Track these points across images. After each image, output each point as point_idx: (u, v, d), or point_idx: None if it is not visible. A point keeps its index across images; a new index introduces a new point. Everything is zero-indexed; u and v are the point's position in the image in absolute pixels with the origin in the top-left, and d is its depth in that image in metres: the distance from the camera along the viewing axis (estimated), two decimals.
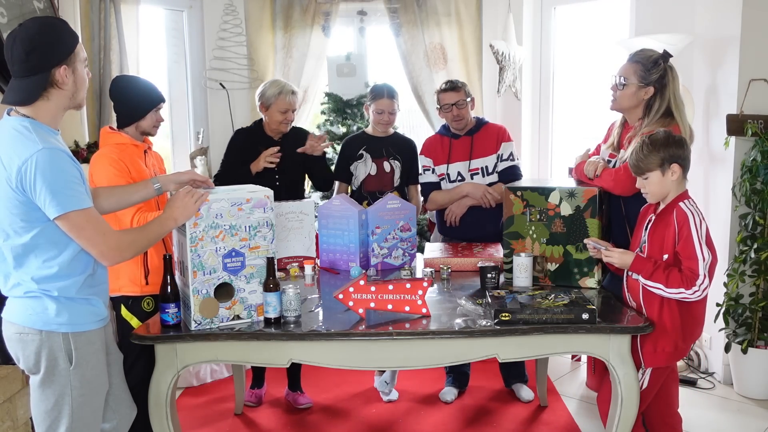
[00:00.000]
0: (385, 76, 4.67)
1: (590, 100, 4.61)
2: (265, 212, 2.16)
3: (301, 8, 4.56)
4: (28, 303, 1.84)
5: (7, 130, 1.79)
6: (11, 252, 1.82)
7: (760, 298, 3.38)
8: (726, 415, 3.27)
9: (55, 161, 1.75)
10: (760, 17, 3.36)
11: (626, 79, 2.57)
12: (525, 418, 3.21)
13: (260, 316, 2.19)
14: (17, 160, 1.73)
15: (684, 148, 2.27)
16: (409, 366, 2.32)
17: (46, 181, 1.72)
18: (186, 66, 4.57)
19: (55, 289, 1.83)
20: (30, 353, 1.85)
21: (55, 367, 1.85)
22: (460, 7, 4.51)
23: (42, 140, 1.75)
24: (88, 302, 1.90)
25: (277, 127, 3.23)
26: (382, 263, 2.90)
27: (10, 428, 2.53)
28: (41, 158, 1.72)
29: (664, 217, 2.28)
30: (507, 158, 3.21)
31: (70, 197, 1.76)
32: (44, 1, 3.21)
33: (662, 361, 2.30)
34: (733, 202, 3.46)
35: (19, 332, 1.84)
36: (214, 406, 3.42)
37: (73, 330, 1.86)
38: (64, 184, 1.75)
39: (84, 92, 1.92)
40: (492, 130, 3.26)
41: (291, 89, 3.23)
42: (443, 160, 3.26)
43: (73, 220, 1.77)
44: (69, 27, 1.87)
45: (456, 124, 3.22)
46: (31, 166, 1.72)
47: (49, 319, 1.83)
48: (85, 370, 1.87)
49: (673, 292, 2.20)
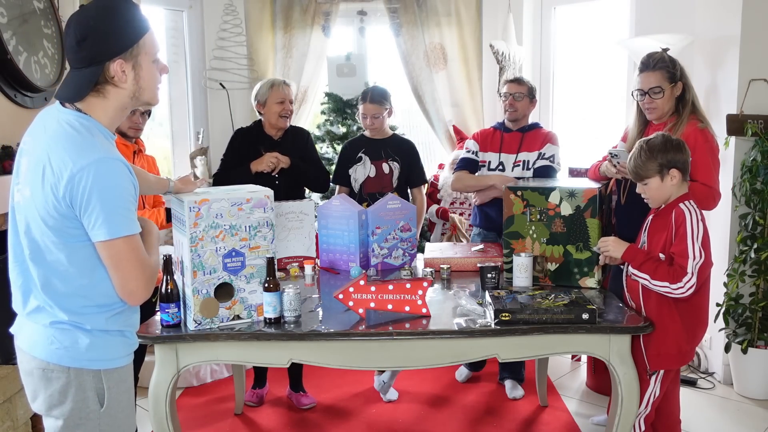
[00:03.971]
0: (385, 76, 4.68)
1: (590, 100, 4.61)
2: (265, 212, 2.16)
3: (301, 8, 4.56)
4: (54, 335, 1.57)
5: (60, 125, 1.52)
6: (37, 270, 1.56)
7: (760, 298, 3.38)
8: (726, 415, 3.27)
9: (115, 176, 1.48)
10: (760, 17, 3.36)
11: (660, 87, 2.59)
12: (525, 418, 3.21)
13: (260, 316, 2.19)
14: (71, 166, 1.45)
15: (683, 151, 2.25)
16: (409, 366, 2.32)
17: (102, 199, 1.46)
18: (186, 66, 4.57)
19: (88, 322, 1.57)
20: (54, 392, 1.58)
21: (83, 409, 1.59)
22: (460, 7, 4.51)
23: (102, 147, 1.49)
24: (122, 334, 1.65)
25: (276, 122, 3.23)
26: (382, 263, 2.90)
27: (10, 428, 2.53)
28: (101, 170, 1.46)
29: (663, 217, 2.28)
30: (548, 158, 3.22)
31: (123, 221, 1.50)
32: (44, 1, 3.21)
33: (667, 363, 2.28)
34: (733, 202, 3.46)
35: (42, 368, 1.58)
36: (214, 406, 3.42)
37: (106, 367, 1.60)
38: (121, 204, 1.50)
39: (153, 91, 1.62)
40: (542, 132, 3.32)
41: (283, 81, 3.26)
42: (490, 148, 3.31)
43: (118, 248, 1.51)
44: (136, 13, 1.55)
45: (509, 115, 3.29)
46: (87, 177, 1.45)
47: (79, 354, 1.57)
48: (116, 411, 1.63)
49: (657, 284, 2.19)
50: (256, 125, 3.32)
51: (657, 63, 2.60)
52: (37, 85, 3.05)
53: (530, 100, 3.31)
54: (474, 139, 3.40)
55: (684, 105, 2.62)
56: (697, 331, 2.31)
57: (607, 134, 4.24)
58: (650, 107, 2.63)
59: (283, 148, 3.21)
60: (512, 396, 3.40)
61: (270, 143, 3.24)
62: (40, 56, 3.13)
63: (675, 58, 2.64)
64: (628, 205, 2.74)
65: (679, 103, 2.63)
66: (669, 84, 2.59)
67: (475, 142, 3.37)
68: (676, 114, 2.64)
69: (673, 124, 2.60)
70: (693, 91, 2.65)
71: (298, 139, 3.32)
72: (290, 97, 3.25)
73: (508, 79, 3.38)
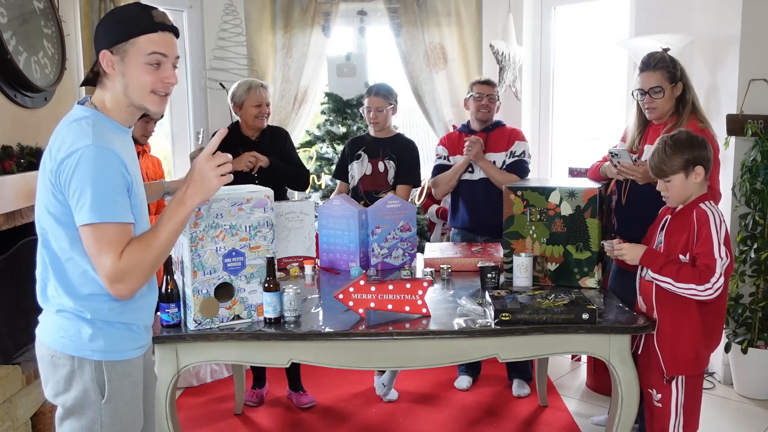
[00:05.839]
0: (385, 76, 4.68)
1: (590, 100, 4.62)
2: (265, 212, 2.16)
3: (301, 8, 4.56)
4: (60, 323, 1.61)
5: (69, 120, 1.60)
6: (47, 256, 1.61)
7: (760, 298, 3.38)
8: (726, 415, 3.27)
9: (102, 162, 1.51)
10: (760, 17, 3.36)
11: (660, 87, 2.58)
12: (525, 417, 3.21)
13: (260, 316, 2.19)
14: (64, 150, 1.52)
15: (707, 149, 2.19)
16: (409, 366, 2.32)
17: (85, 183, 1.49)
18: (186, 66, 4.57)
19: (88, 311, 1.60)
20: (60, 379, 1.62)
21: (84, 398, 1.62)
22: (460, 7, 4.51)
23: (96, 135, 1.52)
24: (127, 327, 1.66)
25: (253, 123, 3.24)
26: (382, 263, 2.90)
27: (10, 428, 2.53)
28: (87, 155, 1.49)
29: (682, 218, 2.21)
30: (519, 155, 3.30)
31: (106, 206, 1.51)
32: (44, 1, 3.20)
33: (685, 369, 2.21)
34: (733, 202, 3.46)
35: (51, 355, 1.62)
36: (214, 406, 3.42)
37: (108, 358, 1.62)
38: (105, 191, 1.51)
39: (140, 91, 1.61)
40: (506, 129, 3.40)
41: (260, 83, 3.28)
42: (458, 151, 3.38)
43: (99, 233, 1.51)
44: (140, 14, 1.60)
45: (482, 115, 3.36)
46: (74, 161, 1.49)
47: (82, 343, 1.60)
48: (118, 404, 1.65)
49: (683, 287, 2.12)
50: (233, 126, 3.30)
51: (657, 63, 2.60)
52: (37, 85, 3.05)
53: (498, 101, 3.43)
54: (442, 144, 3.49)
55: (684, 105, 2.62)
56: (714, 336, 2.25)
57: (607, 134, 4.25)
58: (650, 107, 2.63)
59: (261, 148, 3.22)
60: (518, 394, 3.42)
61: (248, 144, 3.25)
62: (40, 56, 3.13)
63: (675, 58, 2.64)
64: (628, 205, 2.74)
65: (679, 103, 2.63)
66: (669, 84, 2.59)
67: (444, 148, 3.46)
68: (676, 114, 2.64)
69: (673, 124, 2.60)
70: (693, 91, 2.65)
71: (277, 138, 3.34)
72: (267, 100, 3.26)
73: (479, 80, 3.43)
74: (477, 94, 3.36)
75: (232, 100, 3.27)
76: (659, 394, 2.26)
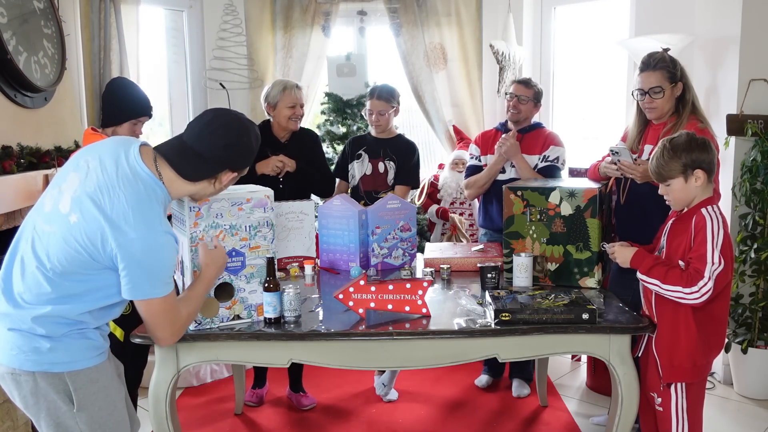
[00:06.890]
0: (385, 76, 4.68)
1: (590, 99, 4.62)
2: (265, 212, 2.16)
3: (301, 8, 4.56)
4: (14, 340, 1.61)
5: (135, 179, 1.62)
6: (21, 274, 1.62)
7: (760, 298, 3.38)
8: (726, 415, 3.27)
9: (164, 248, 1.62)
10: (760, 17, 3.36)
11: (660, 87, 2.58)
12: (525, 417, 3.21)
13: (260, 316, 2.19)
14: (130, 230, 1.56)
15: (708, 151, 2.13)
16: (409, 366, 2.32)
17: (145, 266, 1.59)
18: (186, 66, 4.57)
19: (44, 328, 1.60)
20: (26, 394, 1.63)
21: (55, 410, 1.63)
22: (460, 7, 4.51)
23: (159, 219, 1.63)
24: (83, 335, 1.67)
25: (286, 125, 3.20)
26: (382, 263, 2.90)
27: (10, 428, 2.53)
28: (153, 244, 1.59)
29: (684, 222, 2.18)
30: (552, 160, 3.22)
31: (158, 284, 1.64)
32: (44, 1, 3.21)
33: (681, 376, 2.18)
34: (733, 202, 3.46)
35: (11, 372, 1.62)
36: (214, 406, 3.42)
37: (69, 369, 1.63)
38: (161, 273, 1.64)
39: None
40: (544, 133, 3.31)
41: (295, 84, 3.24)
42: (491, 150, 3.31)
43: (152, 306, 1.67)
44: None
45: (511, 116, 3.30)
46: (138, 245, 1.57)
47: (41, 357, 1.60)
48: (92, 411, 1.65)
49: (669, 289, 2.10)
50: (264, 125, 3.28)
51: (658, 63, 2.59)
52: (37, 85, 3.05)
53: (535, 104, 3.31)
54: (476, 144, 3.43)
55: (684, 105, 2.62)
56: (715, 344, 2.20)
57: (607, 134, 4.25)
58: (650, 107, 2.63)
59: (289, 151, 3.19)
60: (517, 394, 3.41)
61: (276, 145, 3.22)
62: (40, 56, 3.13)
63: (675, 58, 2.64)
64: (628, 205, 2.74)
65: (679, 103, 2.63)
66: (669, 84, 2.59)
67: (476, 147, 3.40)
68: (676, 114, 2.63)
69: (673, 124, 2.60)
70: (693, 92, 2.65)
71: (306, 142, 3.30)
72: (301, 102, 3.23)
73: (516, 80, 3.37)
74: (509, 94, 3.32)
75: (265, 100, 3.22)
76: (660, 398, 2.25)
